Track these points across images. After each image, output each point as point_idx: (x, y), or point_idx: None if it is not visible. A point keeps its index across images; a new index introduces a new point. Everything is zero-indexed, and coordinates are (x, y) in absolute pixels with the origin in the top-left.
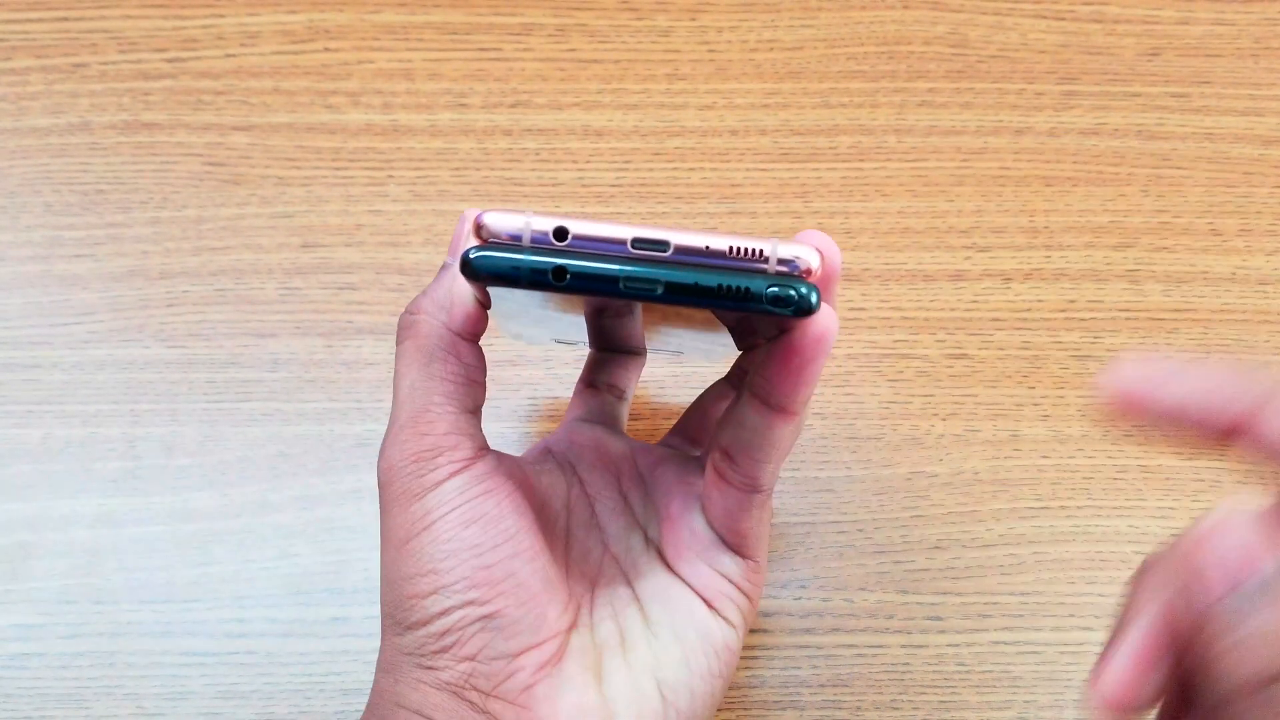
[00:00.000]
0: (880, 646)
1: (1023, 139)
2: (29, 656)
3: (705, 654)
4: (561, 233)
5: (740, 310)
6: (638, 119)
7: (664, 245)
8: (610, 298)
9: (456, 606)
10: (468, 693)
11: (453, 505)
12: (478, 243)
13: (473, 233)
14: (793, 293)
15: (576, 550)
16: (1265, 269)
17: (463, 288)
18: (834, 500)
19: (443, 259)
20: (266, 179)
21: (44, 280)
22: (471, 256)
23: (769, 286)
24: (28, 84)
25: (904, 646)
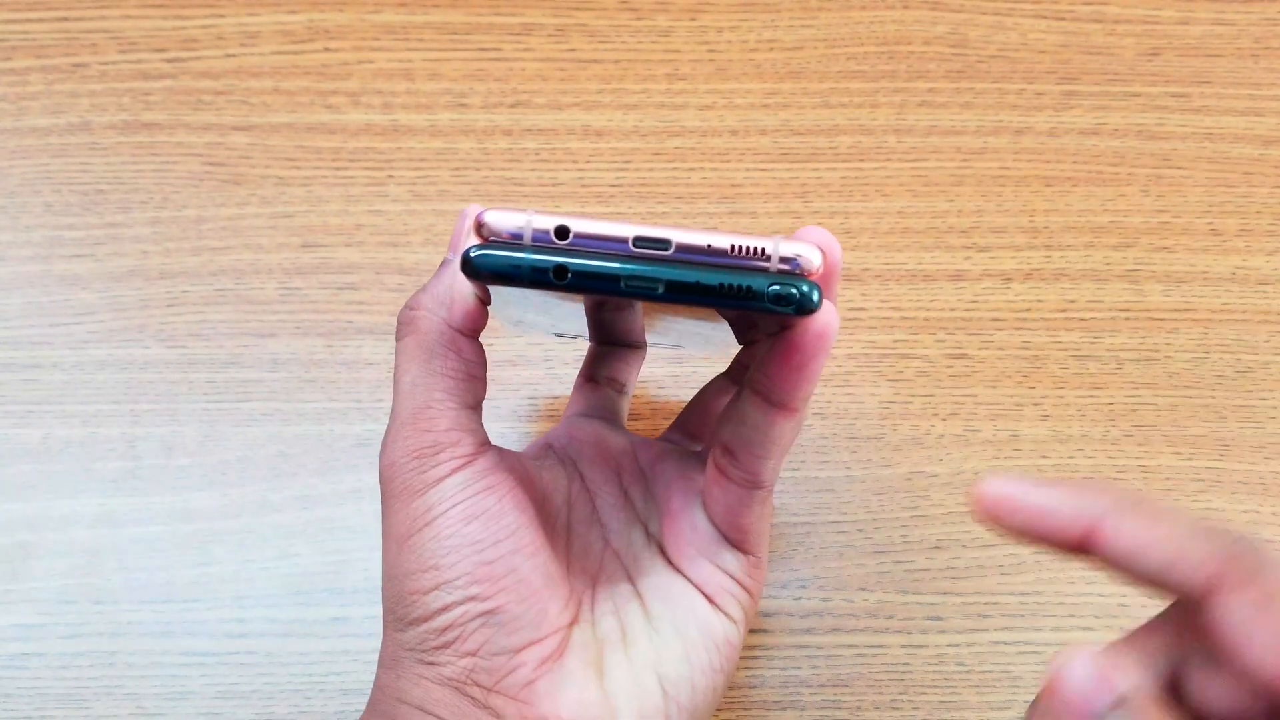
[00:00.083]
0: (880, 646)
1: (1023, 139)
2: (29, 656)
3: (707, 649)
4: (563, 231)
5: (742, 309)
6: (638, 119)
7: (665, 244)
8: (612, 296)
9: (458, 602)
10: (469, 688)
11: (454, 501)
12: (478, 241)
13: (473, 231)
14: (794, 291)
15: (578, 546)
16: (1265, 269)
17: (463, 284)
18: (834, 500)
19: (442, 259)
20: (266, 179)
21: (44, 280)
22: (472, 255)
23: (771, 285)
24: (28, 84)
25: (904, 646)
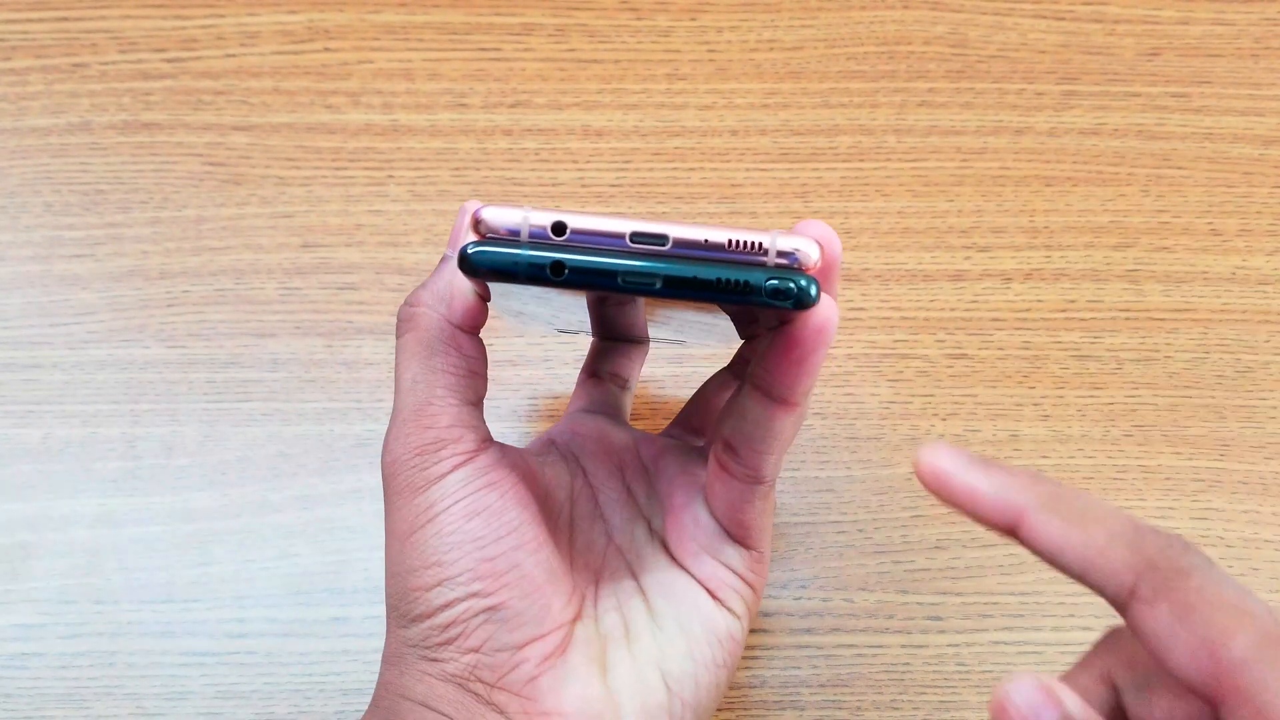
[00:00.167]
0: (880, 646)
1: (1023, 139)
2: (29, 656)
3: (710, 644)
4: (560, 227)
5: (740, 303)
6: (638, 119)
7: (663, 239)
8: (609, 292)
9: (461, 598)
10: (472, 684)
11: (456, 498)
12: (476, 238)
13: (471, 228)
14: (792, 285)
15: (580, 541)
16: (1265, 269)
17: (463, 280)
18: (834, 500)
19: (442, 256)
20: (266, 179)
21: (44, 280)
22: (469, 252)
23: (768, 279)
24: (28, 84)
25: (904, 646)
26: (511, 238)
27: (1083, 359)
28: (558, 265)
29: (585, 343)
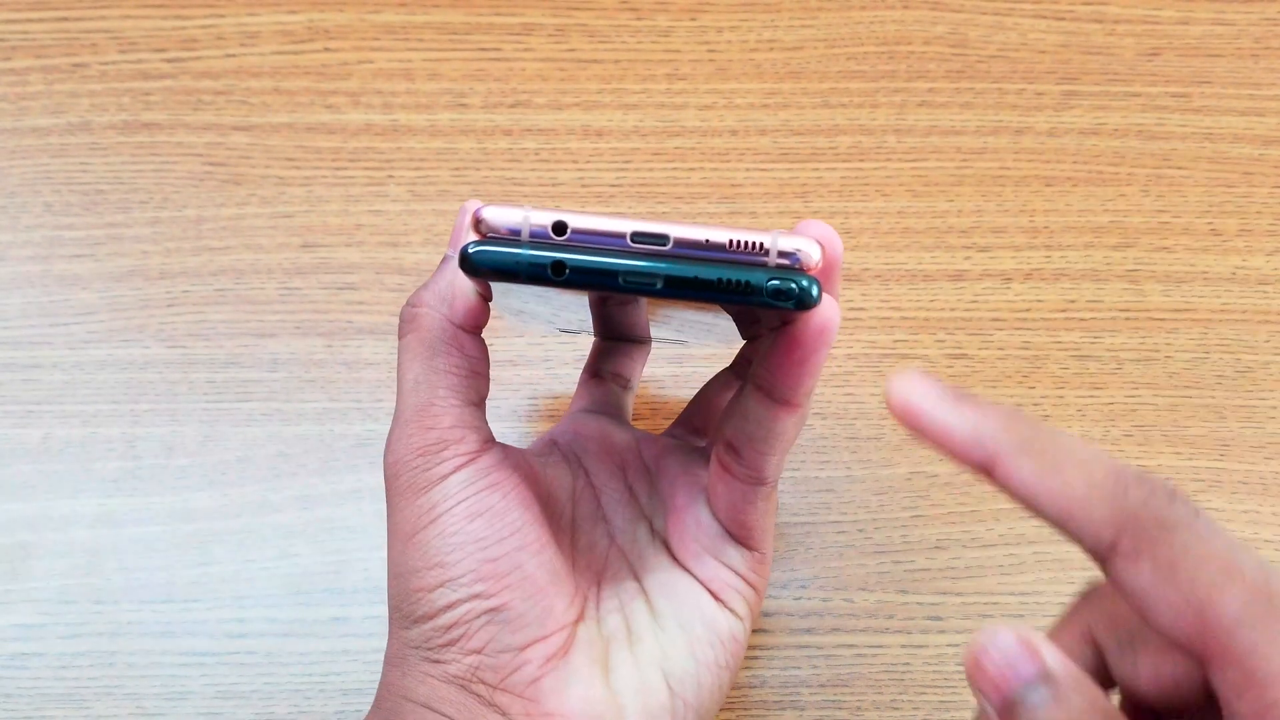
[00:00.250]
0: (880, 646)
1: (1023, 139)
2: (29, 656)
3: (712, 646)
4: (560, 227)
5: (741, 304)
6: (638, 119)
7: (663, 239)
8: (610, 292)
9: (463, 600)
10: (475, 685)
11: (459, 499)
12: (477, 237)
13: (471, 227)
14: (793, 286)
15: (582, 542)
16: (1265, 269)
17: (464, 280)
18: (834, 500)
19: (443, 256)
20: (266, 179)
21: (44, 280)
22: (470, 252)
23: (769, 280)
24: (28, 84)
25: (904, 646)
26: (512, 237)
27: (1083, 359)
28: (559, 265)
29: (586, 342)
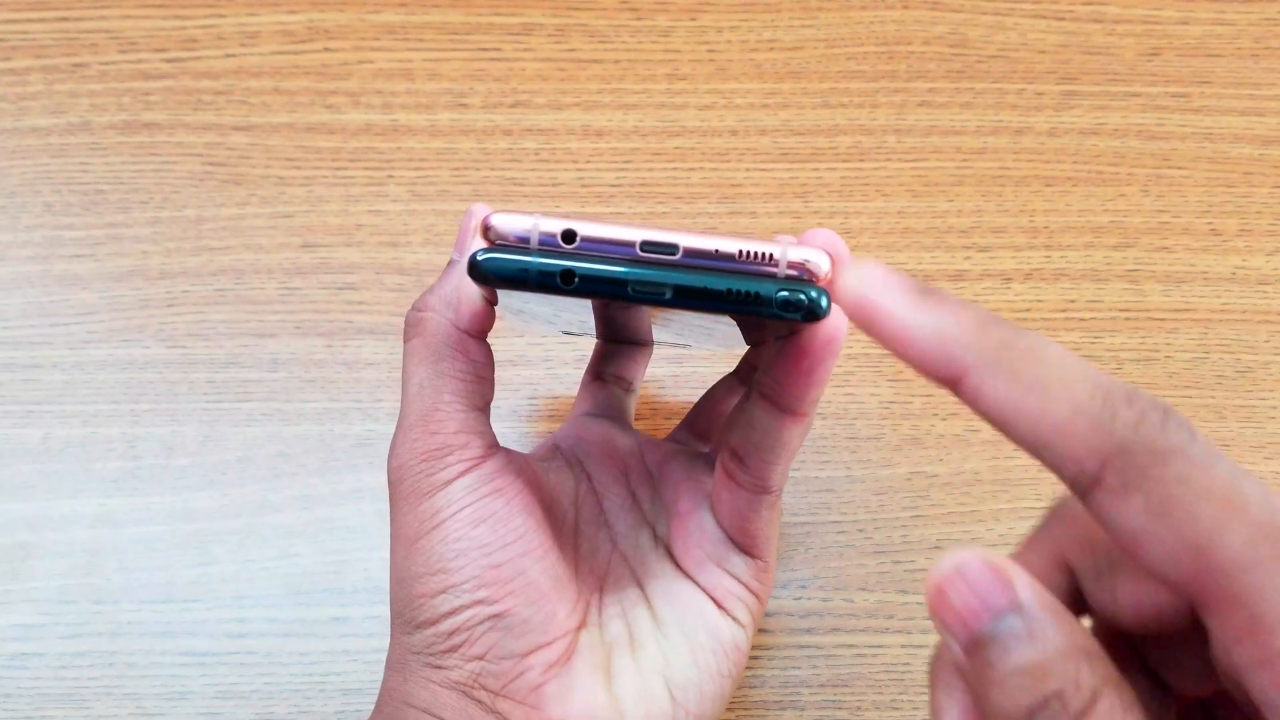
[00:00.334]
0: (880, 646)
1: (1023, 139)
2: (29, 656)
3: (714, 653)
4: (570, 235)
5: (750, 314)
6: (638, 119)
7: (673, 248)
8: (619, 301)
9: (465, 606)
10: (476, 692)
11: (462, 504)
12: (485, 244)
13: (479, 234)
14: (803, 297)
15: (585, 548)
16: (1265, 269)
17: (470, 285)
18: (834, 500)
19: (444, 259)
20: (266, 179)
21: (44, 280)
22: (479, 259)
23: (779, 291)
24: (28, 84)
25: (904, 646)
26: (521, 245)
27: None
28: (568, 274)
29: (586, 343)
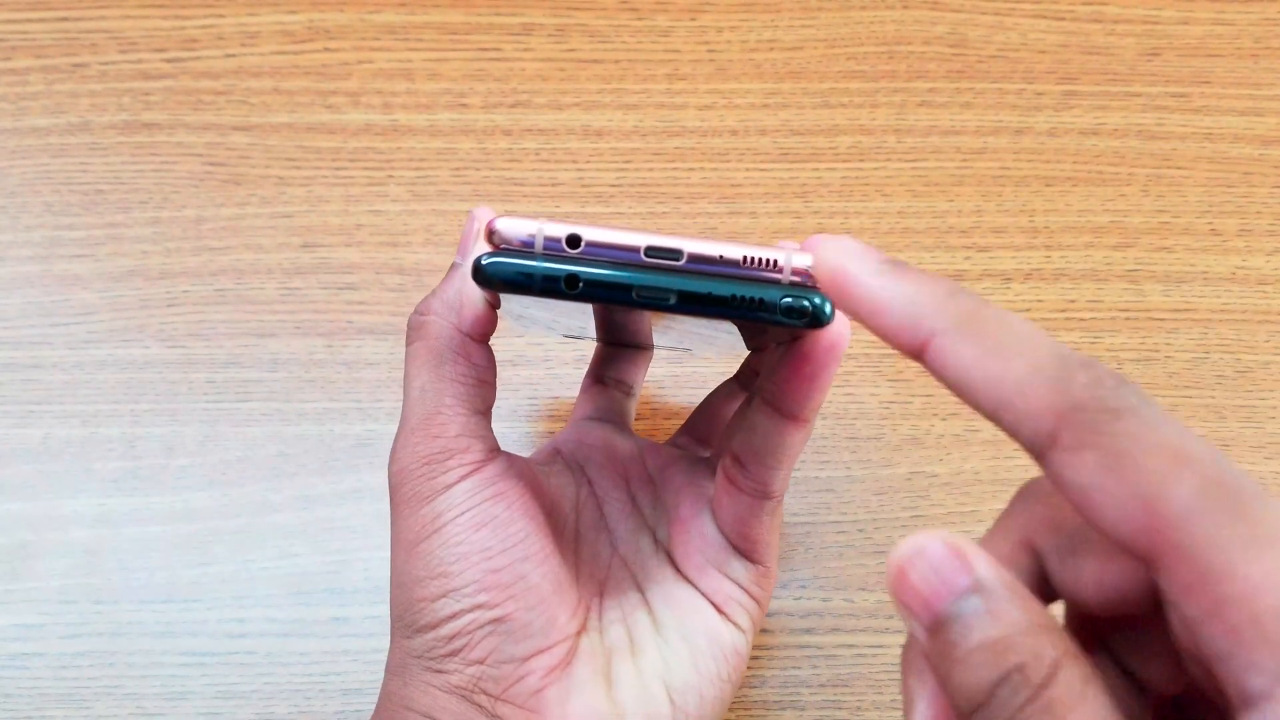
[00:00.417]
0: (880, 646)
1: (1023, 139)
2: (29, 656)
3: (714, 658)
4: (574, 240)
5: (754, 320)
6: (638, 119)
7: (677, 254)
8: (623, 306)
9: (466, 610)
10: (477, 696)
11: (463, 508)
12: (489, 248)
13: (484, 238)
14: (807, 304)
15: (585, 552)
16: (1265, 269)
17: (473, 288)
18: (834, 500)
19: (443, 259)
20: (266, 179)
21: (44, 280)
22: (484, 263)
23: (783, 297)
24: (28, 84)
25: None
26: (525, 249)
27: None
28: (572, 279)
29: (587, 344)
